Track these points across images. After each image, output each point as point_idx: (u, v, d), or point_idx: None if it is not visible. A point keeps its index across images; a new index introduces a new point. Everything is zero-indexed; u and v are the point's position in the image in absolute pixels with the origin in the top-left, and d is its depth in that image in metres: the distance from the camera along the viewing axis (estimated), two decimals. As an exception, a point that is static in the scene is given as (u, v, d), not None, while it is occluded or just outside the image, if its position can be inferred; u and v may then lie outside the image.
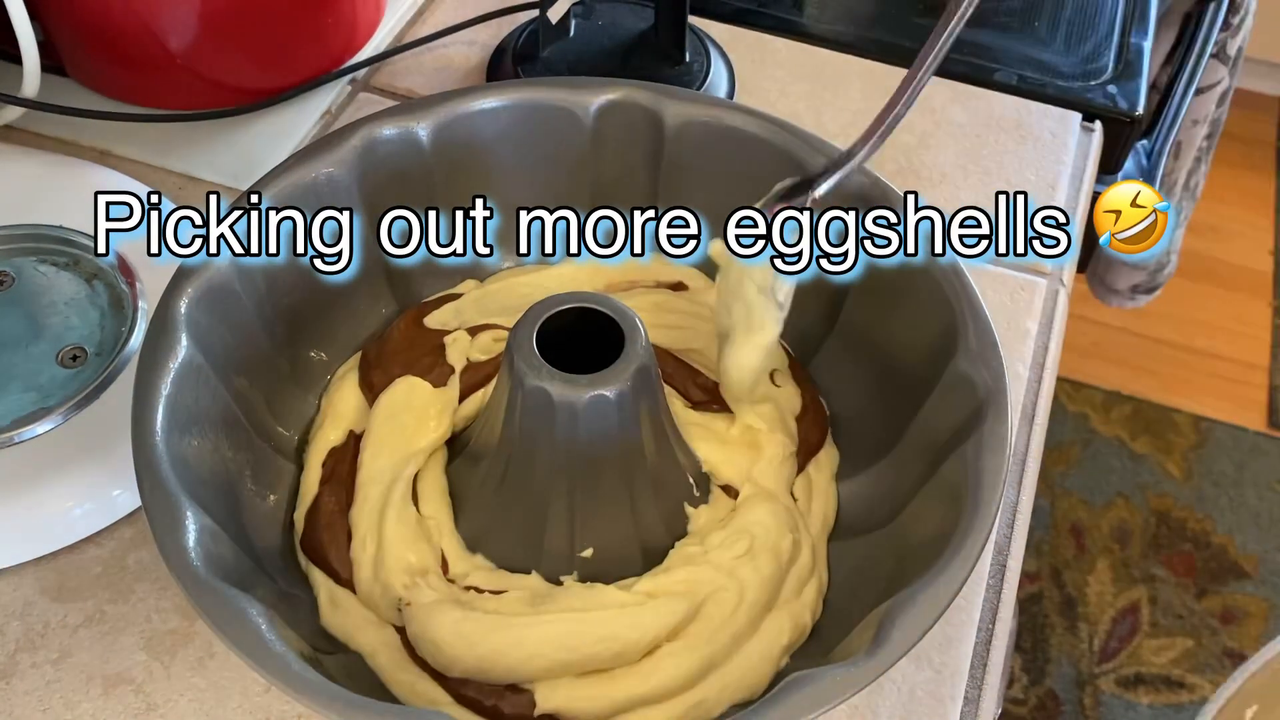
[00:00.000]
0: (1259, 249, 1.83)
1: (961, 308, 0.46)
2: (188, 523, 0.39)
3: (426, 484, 0.48)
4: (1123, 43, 0.75)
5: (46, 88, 0.61)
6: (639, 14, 0.70)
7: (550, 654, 0.42)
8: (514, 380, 0.42)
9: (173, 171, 0.64)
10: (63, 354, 0.54)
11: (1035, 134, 0.68)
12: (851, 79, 0.71)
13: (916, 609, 0.38)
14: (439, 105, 0.52)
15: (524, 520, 0.45)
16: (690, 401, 0.51)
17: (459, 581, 0.45)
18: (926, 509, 0.45)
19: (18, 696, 0.46)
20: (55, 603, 0.48)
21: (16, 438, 0.50)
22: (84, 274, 0.57)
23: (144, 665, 0.47)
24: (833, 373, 0.52)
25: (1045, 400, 0.57)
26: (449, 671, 0.43)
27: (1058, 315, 0.60)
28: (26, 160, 0.62)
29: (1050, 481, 1.51)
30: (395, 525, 0.46)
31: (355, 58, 0.70)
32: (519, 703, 0.42)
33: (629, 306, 0.44)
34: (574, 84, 0.53)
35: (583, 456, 0.43)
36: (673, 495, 0.47)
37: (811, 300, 0.53)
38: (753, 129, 0.52)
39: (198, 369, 0.44)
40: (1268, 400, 1.63)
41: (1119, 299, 1.09)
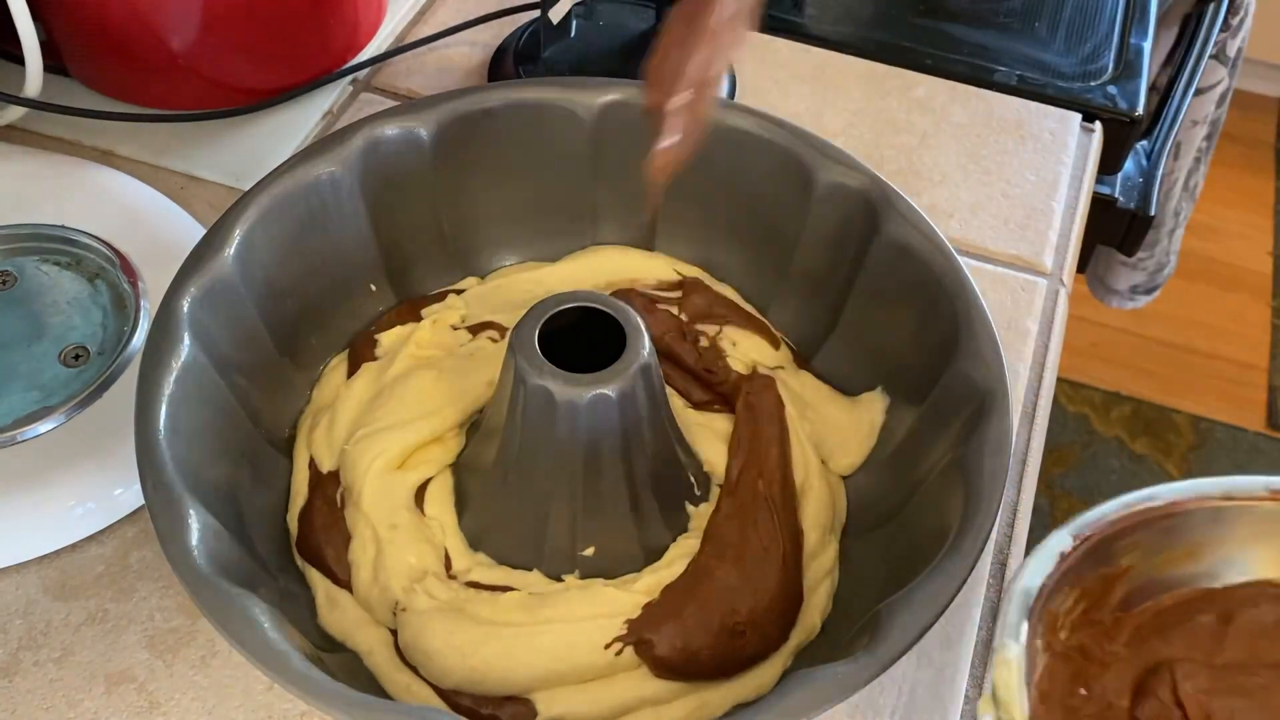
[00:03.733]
0: (1258, 249, 1.83)
1: (962, 307, 0.46)
2: (191, 521, 0.39)
3: (432, 485, 0.48)
4: (1123, 43, 0.75)
5: (49, 88, 0.61)
6: (640, 14, 0.70)
7: (543, 664, 0.42)
8: (516, 379, 0.42)
9: (175, 171, 0.64)
10: (65, 353, 0.54)
11: (1035, 134, 0.68)
12: (851, 79, 0.71)
13: (916, 608, 0.38)
14: (440, 105, 0.52)
15: (526, 518, 0.45)
16: (691, 401, 0.51)
17: (460, 578, 0.45)
18: (927, 508, 0.45)
19: (20, 695, 0.46)
20: (58, 601, 0.48)
21: (19, 437, 0.51)
22: (86, 273, 0.57)
23: (146, 664, 0.47)
24: (834, 372, 0.53)
25: (1045, 400, 0.57)
26: (441, 682, 0.43)
27: (1058, 315, 0.60)
28: (28, 160, 0.62)
29: (1050, 481, 1.51)
30: (397, 528, 0.46)
31: (357, 58, 0.70)
32: (519, 713, 0.42)
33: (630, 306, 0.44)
34: (575, 84, 0.53)
35: (584, 455, 0.43)
36: (674, 494, 0.47)
37: (813, 300, 0.53)
38: (753, 129, 0.52)
39: (200, 368, 0.44)
40: (1267, 401, 1.63)
41: (1119, 299, 1.09)
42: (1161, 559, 0.43)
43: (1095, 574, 0.42)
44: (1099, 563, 0.41)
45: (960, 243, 0.63)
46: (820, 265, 0.53)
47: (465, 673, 0.42)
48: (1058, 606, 0.41)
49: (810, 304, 0.53)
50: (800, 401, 0.50)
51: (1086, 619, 0.42)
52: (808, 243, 0.52)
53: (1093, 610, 0.42)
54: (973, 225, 0.64)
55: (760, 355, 0.52)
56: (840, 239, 0.51)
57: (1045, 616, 0.40)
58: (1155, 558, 0.42)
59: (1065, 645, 0.41)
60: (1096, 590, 0.42)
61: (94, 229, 0.57)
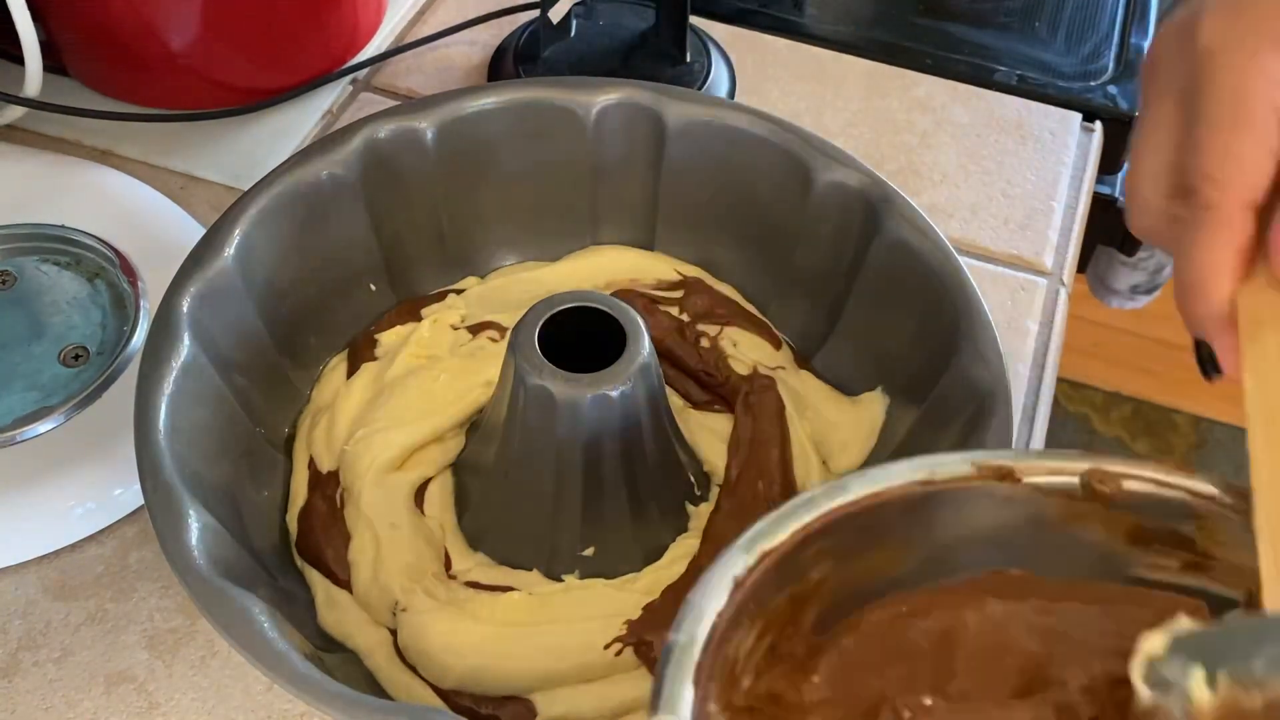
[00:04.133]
0: (1259, 249, 1.83)
1: (962, 307, 0.46)
2: (190, 521, 0.39)
3: (432, 485, 0.48)
4: (1123, 43, 0.75)
5: (48, 87, 0.61)
6: (640, 14, 0.70)
7: (543, 664, 0.42)
8: (516, 379, 0.42)
9: (174, 171, 0.64)
10: (65, 353, 0.54)
11: (1035, 134, 0.68)
12: (851, 79, 0.71)
13: (917, 607, 0.38)
14: (440, 105, 0.52)
15: (526, 518, 0.45)
16: (691, 401, 0.51)
17: (460, 578, 0.45)
18: (927, 508, 0.45)
19: (20, 695, 0.46)
20: (57, 601, 0.48)
21: (19, 437, 0.50)
22: (86, 273, 0.57)
23: (146, 664, 0.47)
24: (834, 372, 0.52)
25: (1045, 400, 0.57)
26: (441, 682, 0.43)
27: (1058, 315, 0.60)
28: (28, 160, 0.62)
29: (1050, 482, 1.51)
30: (397, 528, 0.46)
31: (356, 58, 0.70)
32: (519, 713, 0.42)
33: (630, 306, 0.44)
34: (575, 84, 0.53)
35: (584, 455, 0.43)
36: (674, 494, 0.47)
37: (813, 300, 0.53)
38: (754, 129, 0.52)
39: (200, 368, 0.44)
40: (1267, 401, 1.63)
41: (1119, 299, 1.09)
42: (858, 566, 0.33)
43: (780, 597, 0.32)
44: (784, 582, 0.32)
45: (960, 243, 0.63)
46: (820, 265, 0.52)
47: (465, 673, 0.42)
48: (734, 650, 0.31)
49: (810, 304, 0.53)
50: (801, 401, 0.50)
51: (774, 655, 0.32)
52: (808, 243, 0.52)
53: (781, 643, 0.32)
54: (973, 225, 0.64)
55: (762, 355, 0.52)
56: (840, 239, 0.51)
57: (719, 668, 0.30)
58: (851, 565, 0.33)
59: (750, 697, 0.31)
60: (783, 616, 0.32)
61: (94, 229, 0.57)
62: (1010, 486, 0.33)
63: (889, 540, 0.34)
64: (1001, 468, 0.33)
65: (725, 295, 0.54)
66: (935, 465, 0.34)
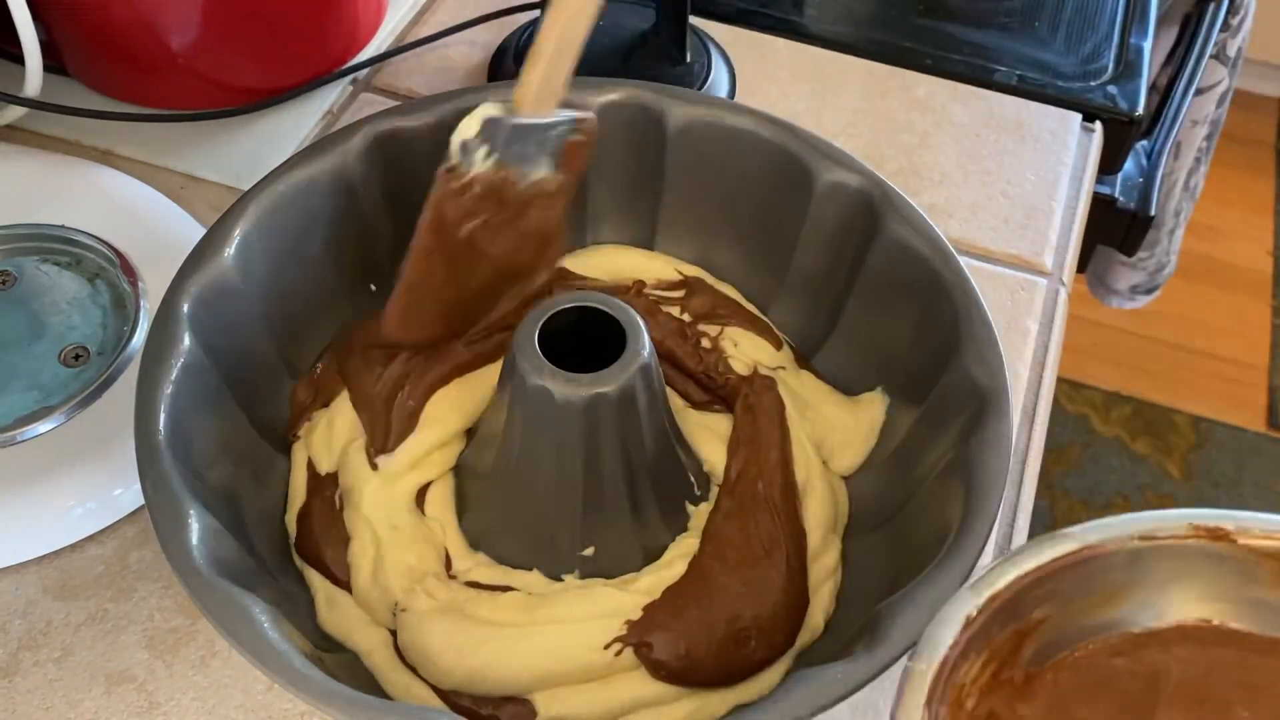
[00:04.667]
0: (1258, 249, 1.83)
1: (962, 307, 0.46)
2: (191, 521, 0.39)
3: (433, 488, 0.48)
4: (1123, 43, 0.75)
5: (48, 87, 0.61)
6: (640, 14, 0.70)
7: (543, 664, 0.42)
8: (516, 379, 0.42)
9: (175, 171, 0.64)
10: (65, 353, 0.54)
11: (1035, 134, 0.68)
12: (851, 79, 0.71)
13: (916, 608, 0.38)
14: (440, 105, 0.52)
15: (526, 518, 0.45)
16: (691, 401, 0.51)
17: (460, 578, 0.45)
18: (928, 508, 0.45)
19: (20, 695, 0.46)
20: (57, 601, 0.48)
21: (19, 437, 0.51)
22: (86, 273, 0.57)
23: (146, 664, 0.47)
24: (834, 372, 0.53)
25: (1045, 400, 0.57)
26: (440, 682, 0.43)
27: (1058, 315, 0.60)
28: (28, 160, 0.62)
29: (1050, 482, 1.51)
30: (397, 529, 0.46)
31: (357, 58, 0.70)
32: (518, 713, 0.42)
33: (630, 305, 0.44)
34: (575, 84, 0.53)
35: (584, 455, 0.43)
36: (674, 493, 0.47)
37: (813, 300, 0.53)
38: (754, 129, 0.52)
39: (200, 367, 0.44)
40: (1267, 401, 1.64)
41: (1119, 299, 1.09)
42: (1076, 607, 0.37)
43: (1005, 633, 0.36)
44: (1009, 620, 0.36)
45: (960, 243, 0.63)
46: (820, 265, 0.53)
47: (465, 673, 0.42)
48: (963, 677, 0.35)
49: (810, 304, 0.53)
50: (801, 401, 0.50)
51: (995, 681, 0.36)
52: (808, 243, 0.52)
53: (1002, 670, 0.37)
54: (973, 225, 0.64)
55: (762, 355, 0.52)
56: (840, 239, 0.51)
57: (949, 692, 0.35)
58: (1070, 606, 0.37)
59: (972, 716, 0.36)
60: (1006, 649, 0.37)
61: (94, 229, 0.57)
62: (1225, 546, 0.37)
63: (1106, 586, 0.38)
64: (1218, 530, 0.37)
65: (726, 295, 0.54)
66: (1155, 521, 0.37)
